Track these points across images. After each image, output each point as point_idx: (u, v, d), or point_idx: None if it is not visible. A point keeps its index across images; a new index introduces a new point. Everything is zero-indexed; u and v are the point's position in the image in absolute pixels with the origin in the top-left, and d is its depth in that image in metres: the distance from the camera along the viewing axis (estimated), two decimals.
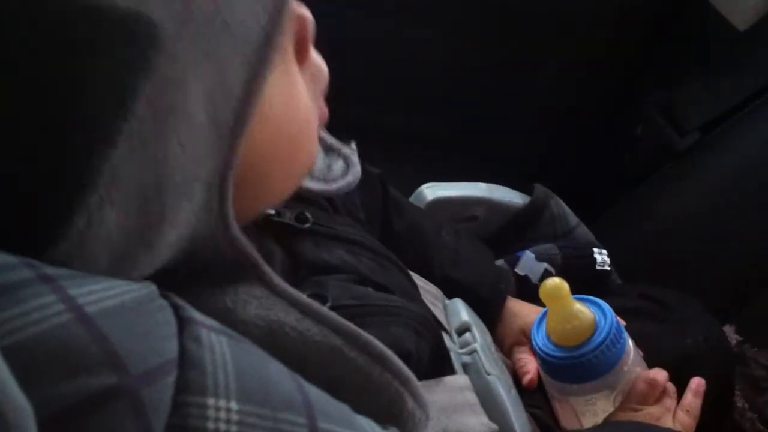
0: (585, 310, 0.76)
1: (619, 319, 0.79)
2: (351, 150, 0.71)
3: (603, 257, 1.05)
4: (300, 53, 0.47)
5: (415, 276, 0.80)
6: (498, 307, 0.90)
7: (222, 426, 0.32)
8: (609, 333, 0.75)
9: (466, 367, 0.73)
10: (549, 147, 1.53)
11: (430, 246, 0.92)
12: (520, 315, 0.91)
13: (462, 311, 0.80)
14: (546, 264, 1.00)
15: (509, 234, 1.10)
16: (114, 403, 0.30)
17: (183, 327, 0.34)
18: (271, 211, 0.64)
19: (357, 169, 0.70)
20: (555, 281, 0.75)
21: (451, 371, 0.70)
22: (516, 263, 1.01)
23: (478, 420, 0.67)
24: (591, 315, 0.76)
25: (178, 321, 0.34)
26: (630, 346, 0.78)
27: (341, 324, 0.43)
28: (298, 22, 0.46)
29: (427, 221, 0.96)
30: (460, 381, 0.69)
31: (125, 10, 0.34)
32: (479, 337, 0.76)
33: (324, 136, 0.69)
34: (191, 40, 0.37)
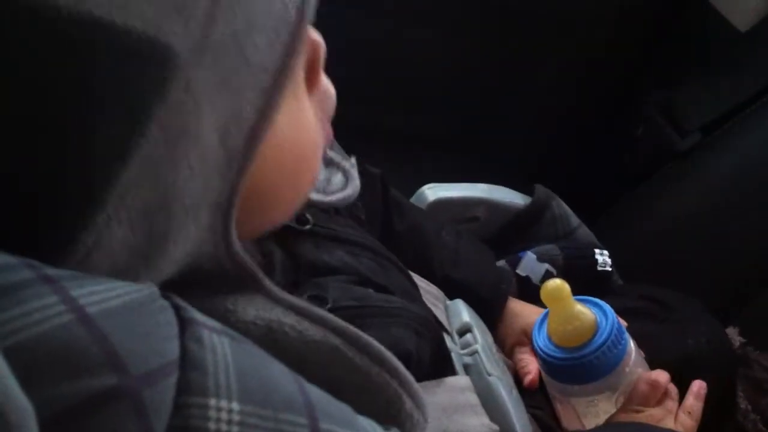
0: (586, 311, 0.76)
1: (621, 320, 0.79)
2: (351, 164, 0.72)
3: (604, 258, 1.05)
4: (310, 78, 0.47)
5: (416, 277, 0.80)
6: (499, 308, 0.90)
7: (223, 427, 0.32)
8: (610, 334, 0.75)
9: (467, 368, 0.72)
10: (549, 147, 1.53)
11: (430, 246, 0.92)
12: (521, 315, 0.91)
13: (463, 312, 0.80)
14: (547, 265, 1.00)
15: (510, 235, 1.10)
16: (115, 404, 0.30)
17: (184, 328, 0.34)
18: None
19: (356, 183, 0.70)
20: (556, 282, 0.75)
21: (452, 372, 0.70)
22: (517, 264, 1.01)
23: (479, 421, 0.67)
24: (592, 316, 0.76)
25: (179, 322, 0.34)
26: (631, 347, 0.78)
27: (340, 325, 0.43)
28: (310, 47, 0.46)
29: (428, 222, 0.96)
30: (461, 382, 0.69)
31: (143, 35, 0.34)
32: (480, 338, 0.76)
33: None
34: (208, 67, 0.37)
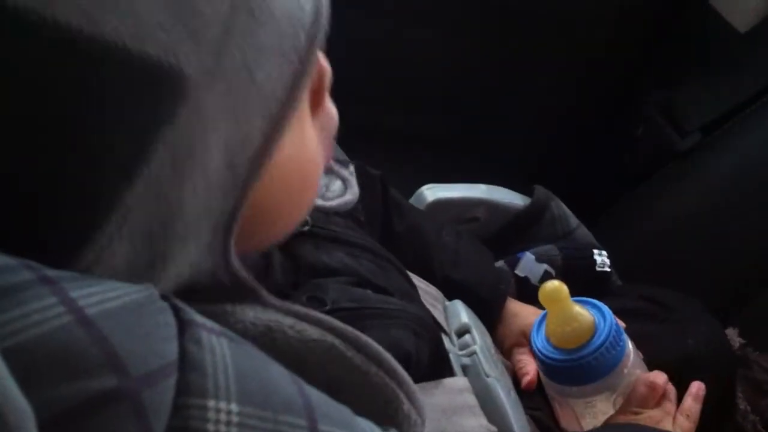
0: (584, 312, 0.76)
1: (619, 321, 0.79)
2: (349, 172, 0.72)
3: (603, 259, 1.04)
4: (315, 102, 0.47)
5: (415, 277, 0.80)
6: (498, 308, 0.90)
7: (222, 428, 0.32)
8: (608, 335, 0.75)
9: (465, 369, 0.72)
10: (549, 147, 1.53)
11: (430, 247, 0.92)
12: (520, 316, 0.90)
13: (462, 313, 0.80)
14: (546, 265, 1.00)
15: (509, 235, 1.10)
16: (115, 405, 0.30)
17: (183, 329, 0.34)
18: None
19: (355, 190, 0.72)
20: (554, 284, 0.75)
21: (451, 373, 0.70)
22: (516, 264, 1.01)
23: (477, 422, 0.67)
24: (590, 317, 0.76)
25: (178, 323, 0.34)
26: (630, 348, 0.78)
27: (338, 326, 0.44)
28: (317, 71, 0.46)
29: (428, 222, 0.96)
30: (459, 383, 0.69)
31: (155, 59, 0.35)
32: (479, 339, 0.76)
33: None
34: (217, 91, 0.37)
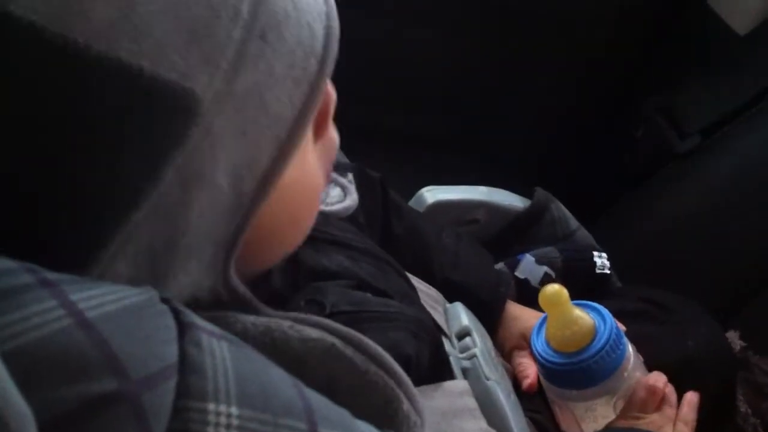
0: (584, 316, 0.76)
1: (619, 325, 0.79)
2: (348, 180, 0.73)
3: (603, 261, 1.05)
4: (319, 127, 0.48)
5: (416, 280, 0.79)
6: (498, 311, 0.90)
7: (222, 431, 0.32)
8: (609, 339, 0.75)
9: (465, 372, 0.72)
10: (549, 147, 1.53)
11: (430, 249, 0.92)
12: (520, 319, 0.90)
13: (462, 315, 0.80)
14: (546, 267, 1.00)
15: (509, 237, 1.10)
16: (115, 408, 0.30)
17: (183, 332, 0.34)
18: None
19: (354, 197, 0.72)
20: (554, 288, 0.75)
21: (451, 376, 0.69)
22: (516, 266, 1.01)
23: (477, 425, 0.67)
24: (590, 321, 0.76)
25: (178, 326, 0.34)
26: (630, 351, 0.78)
27: (336, 327, 0.44)
28: (323, 97, 0.46)
29: (427, 224, 0.96)
30: (459, 386, 0.68)
31: (169, 82, 0.35)
32: (479, 342, 0.76)
33: None
34: (228, 116, 0.38)
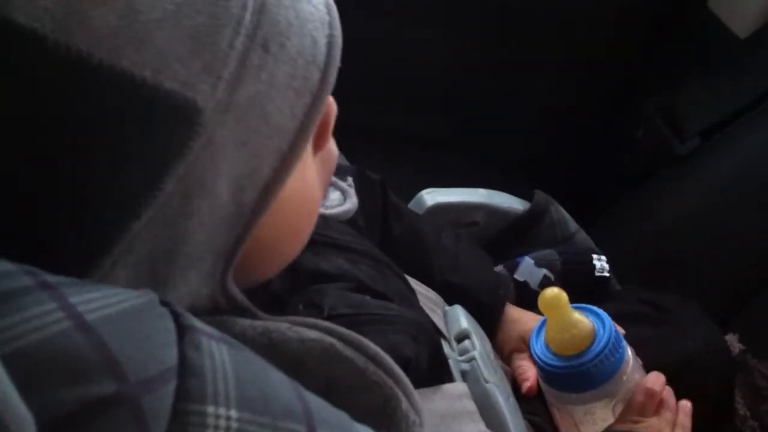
0: (584, 319, 0.76)
1: (618, 328, 0.79)
2: (348, 184, 0.73)
3: (602, 263, 1.05)
4: (319, 140, 0.47)
5: (415, 282, 0.79)
6: (497, 313, 0.90)
7: None
8: (608, 342, 0.74)
9: (464, 375, 0.72)
10: (549, 147, 1.53)
11: (429, 251, 0.92)
12: (519, 322, 0.90)
13: (461, 318, 0.80)
14: (545, 270, 1.00)
15: (509, 240, 1.10)
16: (114, 411, 0.30)
17: (183, 334, 0.34)
18: None
19: (354, 200, 0.73)
20: (554, 291, 0.75)
21: (450, 379, 0.70)
22: (515, 269, 1.01)
23: (476, 428, 0.67)
24: (590, 324, 0.76)
25: (178, 328, 0.34)
26: (629, 354, 0.78)
27: (334, 328, 0.44)
28: (325, 109, 0.46)
29: (427, 226, 0.96)
30: (458, 388, 0.69)
31: (169, 91, 0.35)
32: (478, 345, 0.76)
33: None
34: (230, 127, 0.38)
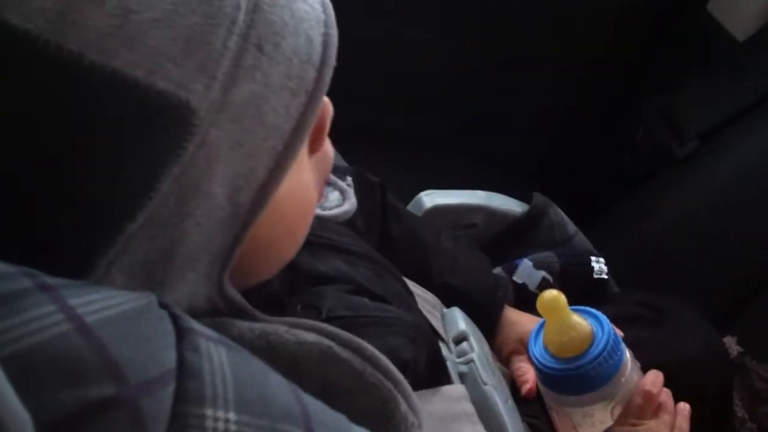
0: (582, 321, 0.76)
1: (617, 330, 0.79)
2: (347, 184, 0.73)
3: (600, 266, 1.05)
4: (315, 141, 0.47)
5: (413, 284, 0.79)
6: (496, 315, 0.90)
7: None
8: (606, 344, 0.74)
9: (462, 377, 0.72)
10: (549, 147, 1.53)
11: (428, 252, 0.92)
12: (518, 324, 0.90)
13: (459, 320, 0.80)
14: (544, 272, 1.00)
15: (507, 242, 1.10)
16: (113, 413, 0.30)
17: (182, 336, 0.34)
18: None
19: (353, 201, 0.73)
20: (552, 293, 0.75)
21: (448, 381, 0.69)
22: (514, 271, 1.01)
23: (474, 430, 0.66)
24: (588, 327, 0.76)
25: (176, 330, 0.35)
26: (627, 357, 0.78)
27: (332, 331, 0.44)
28: (320, 110, 0.46)
29: (425, 228, 0.96)
30: (457, 391, 0.68)
31: (163, 92, 0.35)
32: (476, 347, 0.76)
33: None
34: (224, 126, 0.38)
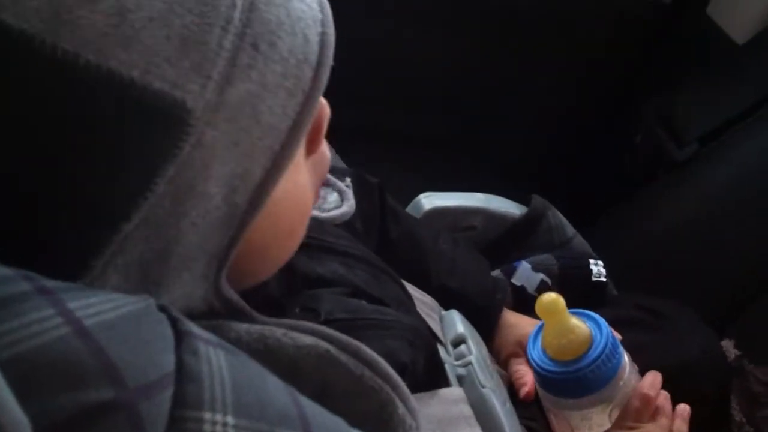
0: (581, 324, 0.76)
1: (615, 333, 0.79)
2: (346, 185, 0.72)
3: (599, 268, 1.05)
4: (312, 142, 0.47)
5: (411, 287, 0.79)
6: (494, 317, 0.90)
7: None
8: (605, 348, 0.74)
9: (461, 380, 0.72)
10: (549, 147, 1.53)
11: (426, 255, 0.92)
12: (516, 326, 0.90)
13: (458, 323, 0.80)
14: (542, 274, 1.00)
15: (506, 244, 1.10)
16: (112, 417, 0.30)
17: (180, 340, 0.34)
18: None
19: (351, 202, 0.72)
20: (551, 296, 0.75)
21: (446, 383, 0.69)
22: (513, 273, 1.01)
23: None
24: (587, 330, 0.76)
25: (175, 334, 0.35)
26: (626, 360, 0.78)
27: (330, 334, 0.44)
28: (317, 111, 0.45)
29: (424, 230, 0.95)
30: (455, 393, 0.68)
31: (158, 92, 0.35)
32: (474, 349, 0.76)
33: None
34: (220, 127, 0.38)
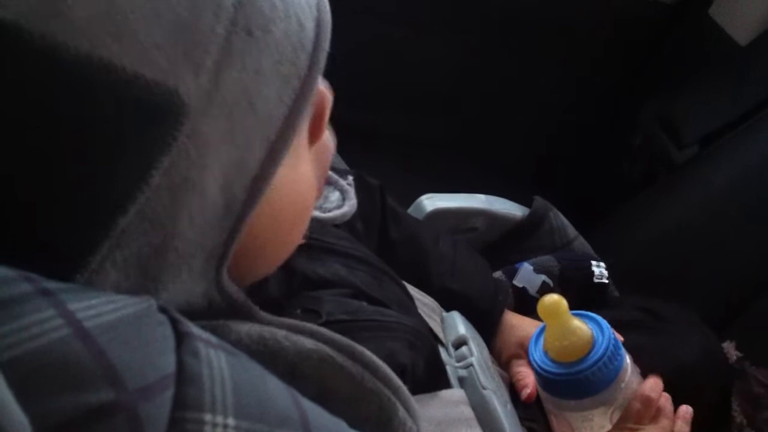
0: (583, 326, 0.76)
1: (617, 335, 0.79)
2: (348, 183, 0.72)
3: (601, 270, 1.05)
4: (314, 131, 0.47)
5: (412, 288, 0.79)
6: (496, 319, 0.90)
7: None
8: (606, 350, 0.74)
9: (462, 381, 0.72)
10: (549, 149, 1.53)
11: (427, 256, 0.91)
12: (518, 328, 0.90)
13: (459, 324, 0.80)
14: (544, 276, 1.00)
15: (508, 245, 1.10)
16: (112, 419, 0.30)
17: (181, 341, 0.34)
18: None
19: (353, 202, 0.71)
20: (553, 298, 0.74)
21: (447, 385, 0.70)
22: (514, 275, 1.01)
23: None
24: (589, 331, 0.76)
25: (176, 335, 0.34)
26: (627, 362, 0.78)
27: (331, 336, 0.44)
28: (317, 98, 0.45)
29: (425, 231, 0.95)
30: (456, 395, 0.69)
31: (151, 81, 0.35)
32: (476, 351, 0.76)
33: None
34: (215, 116, 0.37)
